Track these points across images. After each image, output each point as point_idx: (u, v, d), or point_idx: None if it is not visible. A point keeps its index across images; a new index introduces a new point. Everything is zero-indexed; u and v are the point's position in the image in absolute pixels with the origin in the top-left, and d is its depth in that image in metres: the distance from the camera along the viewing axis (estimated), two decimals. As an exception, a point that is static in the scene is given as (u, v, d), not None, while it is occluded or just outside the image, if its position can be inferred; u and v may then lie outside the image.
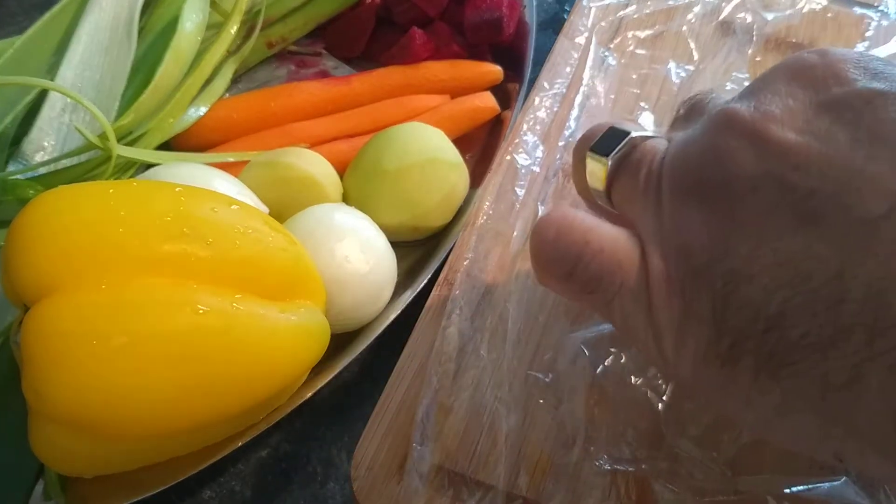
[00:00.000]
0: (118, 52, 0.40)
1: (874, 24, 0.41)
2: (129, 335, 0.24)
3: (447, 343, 0.30)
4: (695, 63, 0.40)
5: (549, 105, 0.38)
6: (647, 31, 0.42)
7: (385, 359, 0.31)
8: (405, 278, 0.36)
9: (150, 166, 0.36)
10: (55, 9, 0.42)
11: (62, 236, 0.25)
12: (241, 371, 0.27)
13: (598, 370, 0.29)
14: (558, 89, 0.39)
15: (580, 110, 0.38)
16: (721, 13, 0.42)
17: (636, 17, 0.42)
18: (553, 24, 0.51)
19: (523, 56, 0.44)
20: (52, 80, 0.38)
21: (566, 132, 0.37)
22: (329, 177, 0.37)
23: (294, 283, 0.29)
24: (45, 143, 0.37)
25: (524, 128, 0.37)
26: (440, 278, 0.33)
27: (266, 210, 0.33)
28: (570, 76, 0.40)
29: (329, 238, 0.32)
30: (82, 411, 0.24)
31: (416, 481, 0.27)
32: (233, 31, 0.42)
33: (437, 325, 0.31)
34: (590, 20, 0.42)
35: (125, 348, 0.24)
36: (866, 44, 0.40)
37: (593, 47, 0.41)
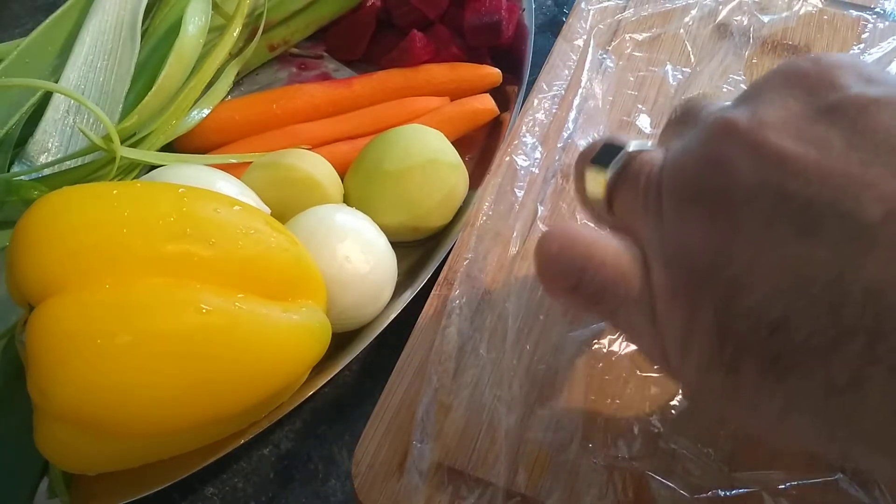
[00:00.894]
0: (121, 54, 0.40)
1: (870, 26, 0.42)
2: (132, 334, 0.25)
3: (447, 342, 0.31)
4: (692, 65, 0.41)
5: (547, 107, 0.39)
6: (645, 34, 0.42)
7: (385, 358, 0.31)
8: (405, 278, 0.36)
9: (154, 167, 0.36)
10: (59, 12, 0.42)
11: (66, 237, 0.26)
12: (243, 370, 0.27)
13: (596, 368, 0.29)
14: (557, 91, 0.39)
15: (578, 112, 0.39)
16: (718, 16, 0.43)
17: (634, 19, 0.43)
18: (552, 27, 0.51)
19: (522, 59, 0.44)
20: (57, 83, 0.39)
21: (564, 134, 0.38)
22: (330, 178, 0.37)
23: (296, 283, 0.30)
24: (50, 144, 0.38)
25: (523, 129, 0.38)
26: (440, 278, 0.33)
27: (268, 211, 0.33)
28: (568, 78, 0.40)
29: (330, 238, 0.33)
30: (86, 409, 0.25)
31: (417, 479, 0.27)
32: (235, 34, 0.42)
33: (437, 325, 0.31)
34: (588, 23, 0.42)
35: (129, 347, 0.25)
36: (862, 46, 0.41)
37: (591, 50, 0.41)
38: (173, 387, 0.26)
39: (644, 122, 0.39)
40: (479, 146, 0.43)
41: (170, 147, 0.41)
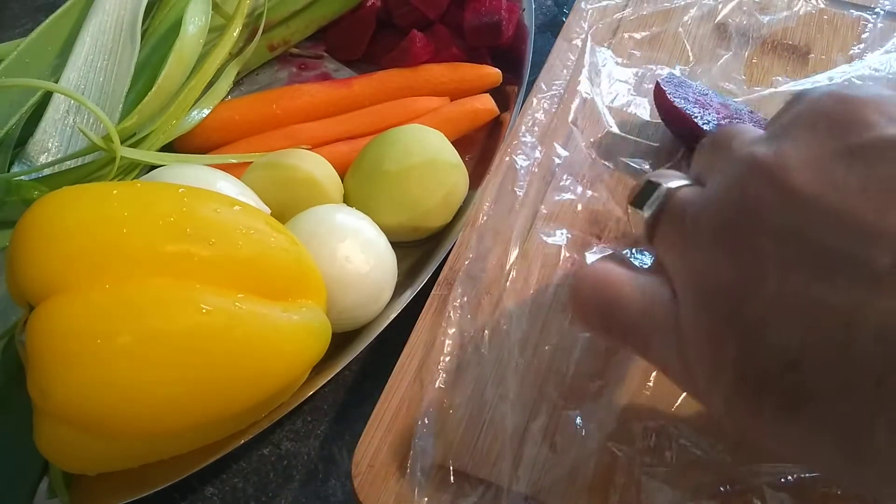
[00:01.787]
0: (122, 54, 0.40)
1: (870, 25, 0.42)
2: (132, 334, 0.25)
3: (448, 342, 0.31)
4: (691, 64, 0.41)
5: (547, 107, 0.39)
6: (644, 33, 0.42)
7: (385, 358, 0.31)
8: (405, 278, 0.36)
9: (154, 167, 0.36)
10: (59, 12, 0.42)
11: (66, 237, 0.26)
12: (243, 370, 0.27)
13: (598, 367, 0.29)
14: (556, 91, 0.39)
15: (578, 111, 0.39)
16: (717, 15, 0.43)
17: (633, 18, 0.43)
18: (552, 26, 0.51)
19: (522, 58, 0.44)
20: (57, 83, 0.39)
21: (564, 134, 0.38)
22: (330, 178, 0.37)
23: (296, 283, 0.30)
24: (50, 144, 0.38)
25: (523, 129, 0.38)
26: (440, 278, 0.33)
27: (268, 211, 0.33)
28: (567, 78, 0.40)
29: (330, 238, 0.33)
30: (86, 409, 0.25)
31: (418, 478, 0.27)
32: (235, 34, 0.42)
33: (437, 325, 0.31)
34: (587, 22, 0.42)
35: (129, 347, 0.25)
36: (862, 46, 0.41)
37: (590, 49, 0.41)
38: (173, 387, 0.26)
39: (643, 113, 0.39)
40: (479, 146, 0.43)
41: (170, 147, 0.41)
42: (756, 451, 0.26)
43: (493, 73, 0.44)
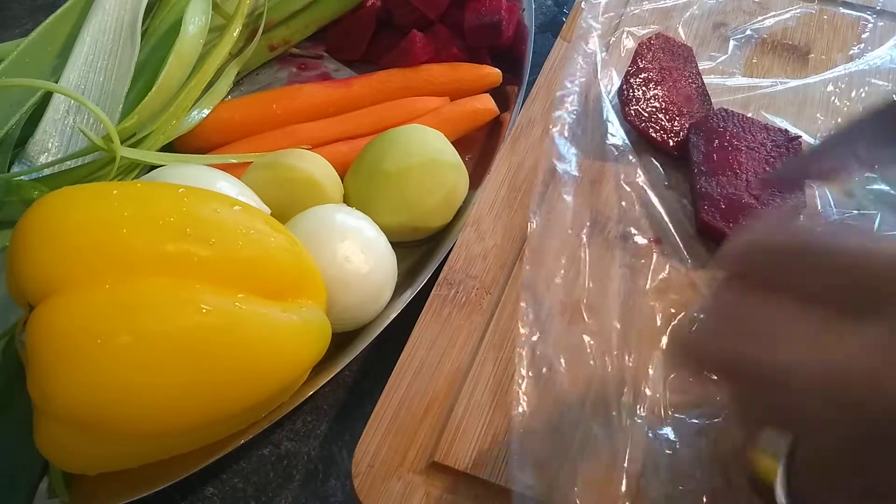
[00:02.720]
0: (122, 54, 0.40)
1: (870, 25, 0.42)
2: (133, 334, 0.25)
3: (448, 341, 0.31)
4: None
5: (546, 107, 0.39)
6: (644, 30, 0.42)
7: (385, 358, 0.31)
8: (405, 278, 0.36)
9: (154, 167, 0.36)
10: (59, 12, 0.42)
11: (66, 237, 0.26)
12: (243, 369, 0.27)
13: (599, 365, 0.29)
14: (557, 90, 0.39)
15: (577, 110, 0.39)
16: (717, 14, 0.43)
17: (634, 13, 0.43)
18: (552, 26, 0.51)
19: (522, 59, 0.44)
20: (57, 83, 0.39)
21: (564, 133, 0.38)
22: (330, 178, 0.37)
23: (296, 283, 0.30)
24: (50, 144, 0.38)
25: (522, 129, 0.38)
26: (440, 278, 0.33)
27: (268, 211, 0.33)
28: (567, 77, 0.40)
29: (330, 239, 0.33)
30: (87, 409, 0.25)
31: (418, 478, 0.27)
32: (235, 34, 0.42)
33: (437, 325, 0.31)
34: (587, 21, 0.42)
35: (129, 347, 0.25)
36: (862, 45, 0.41)
37: (590, 47, 0.41)
38: (173, 387, 0.26)
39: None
40: (479, 146, 0.43)
41: (170, 147, 0.41)
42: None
43: (493, 73, 0.44)
